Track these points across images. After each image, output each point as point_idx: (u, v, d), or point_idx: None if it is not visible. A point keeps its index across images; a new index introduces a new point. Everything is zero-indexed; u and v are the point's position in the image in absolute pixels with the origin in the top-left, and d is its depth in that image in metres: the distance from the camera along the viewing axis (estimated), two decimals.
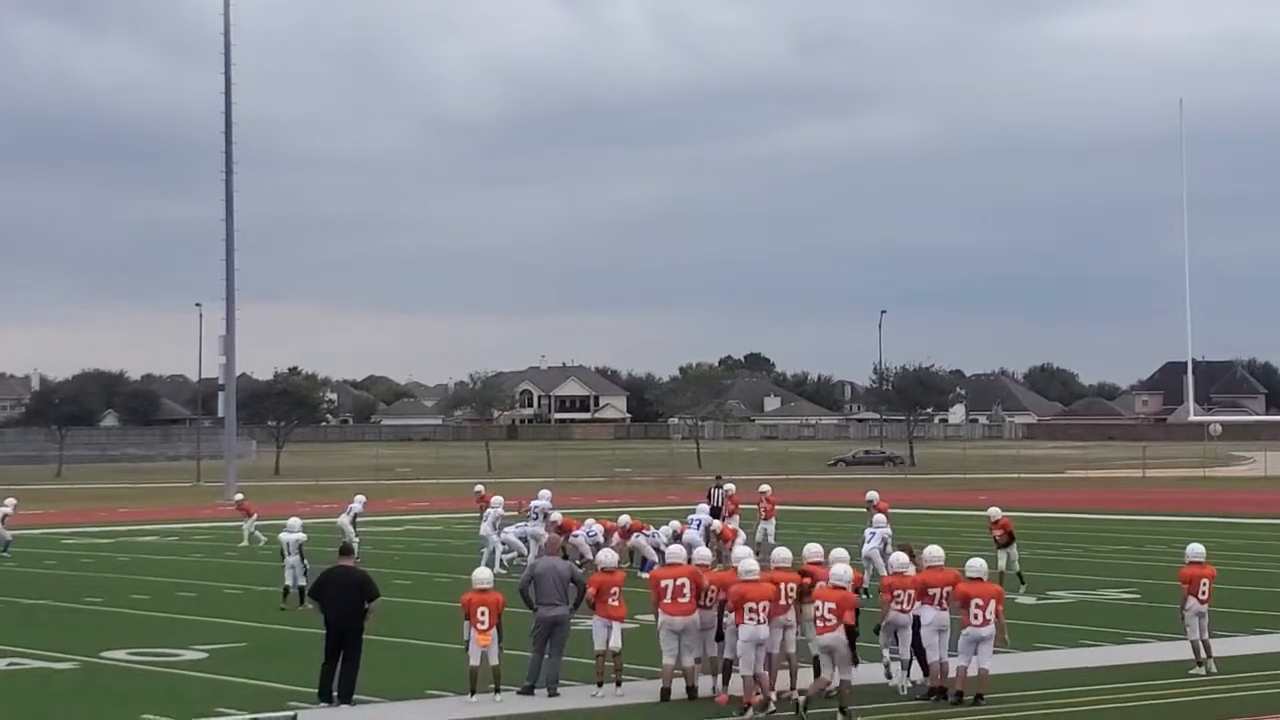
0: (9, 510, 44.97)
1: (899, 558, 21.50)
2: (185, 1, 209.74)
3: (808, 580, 20.66)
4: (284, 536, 30.67)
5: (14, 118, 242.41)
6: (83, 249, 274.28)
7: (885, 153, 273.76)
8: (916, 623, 20.62)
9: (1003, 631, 20.36)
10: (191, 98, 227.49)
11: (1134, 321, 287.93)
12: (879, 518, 33.27)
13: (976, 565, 20.55)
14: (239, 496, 50.30)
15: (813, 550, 21.69)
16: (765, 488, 41.94)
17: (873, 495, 36.79)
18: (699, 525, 35.93)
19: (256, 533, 45.72)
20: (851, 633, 19.20)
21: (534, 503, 38.32)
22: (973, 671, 19.95)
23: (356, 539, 37.68)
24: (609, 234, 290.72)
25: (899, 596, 20.63)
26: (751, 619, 19.44)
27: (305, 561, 30.03)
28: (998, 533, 33.98)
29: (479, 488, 45.00)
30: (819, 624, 19.46)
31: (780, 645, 20.38)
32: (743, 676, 19.47)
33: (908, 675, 20.76)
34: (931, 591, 20.40)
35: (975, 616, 19.97)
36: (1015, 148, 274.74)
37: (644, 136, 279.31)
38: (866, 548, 31.31)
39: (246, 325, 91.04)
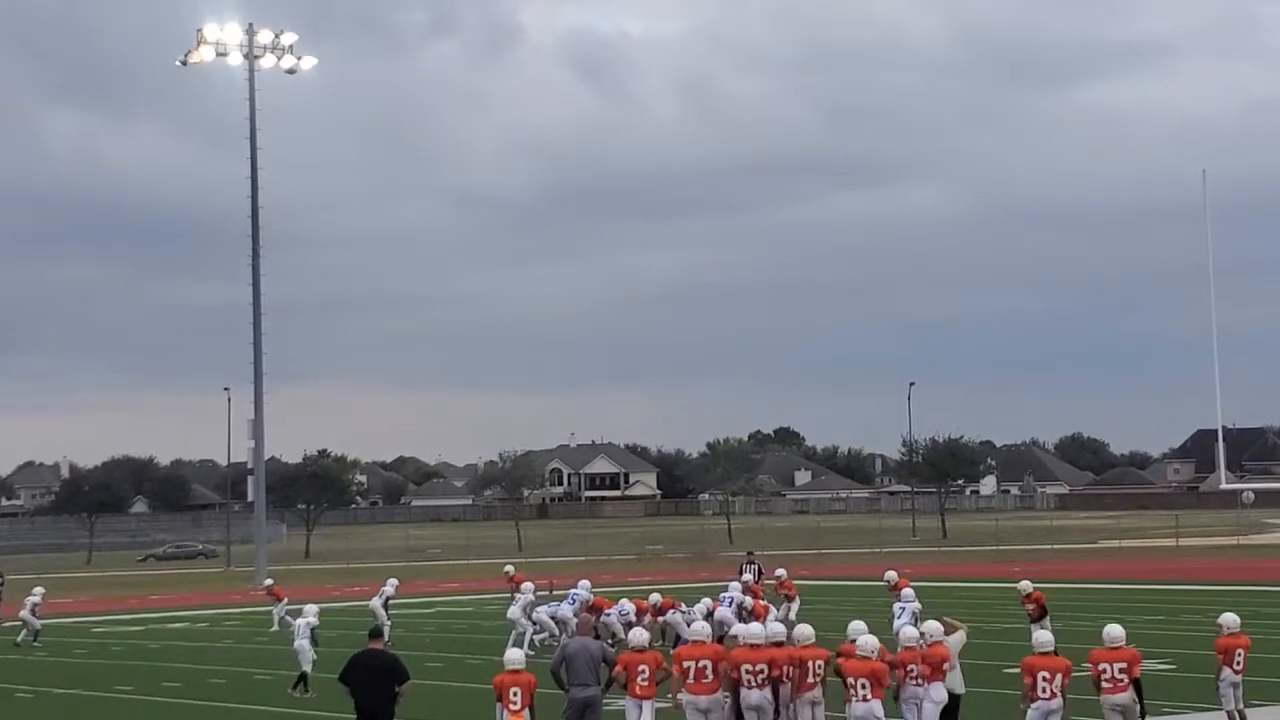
0: (38, 600, 45.08)
1: (909, 631, 21.44)
2: (214, 86, 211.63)
3: (842, 659, 20.64)
4: (298, 621, 31.07)
5: (45, 203, 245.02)
6: (111, 334, 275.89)
7: (912, 223, 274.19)
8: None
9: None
10: (220, 181, 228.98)
11: (1164, 389, 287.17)
12: (907, 592, 33.31)
13: (1044, 639, 20.65)
14: (269, 582, 50.27)
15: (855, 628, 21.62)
16: (781, 572, 42.20)
17: (891, 575, 36.91)
18: (731, 602, 35.82)
19: (287, 618, 45.65)
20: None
21: (573, 592, 38.06)
22: None
23: (388, 622, 37.65)
24: (636, 309, 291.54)
25: (913, 670, 20.57)
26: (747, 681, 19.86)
27: (317, 645, 30.37)
28: (1030, 606, 33.86)
29: (509, 568, 44.94)
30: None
31: None
32: None
33: None
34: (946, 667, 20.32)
35: (1043, 690, 19.99)
36: (1042, 216, 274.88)
37: (671, 209, 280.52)
38: (898, 623, 31.16)
39: (275, 408, 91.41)
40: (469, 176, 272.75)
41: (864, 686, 19.44)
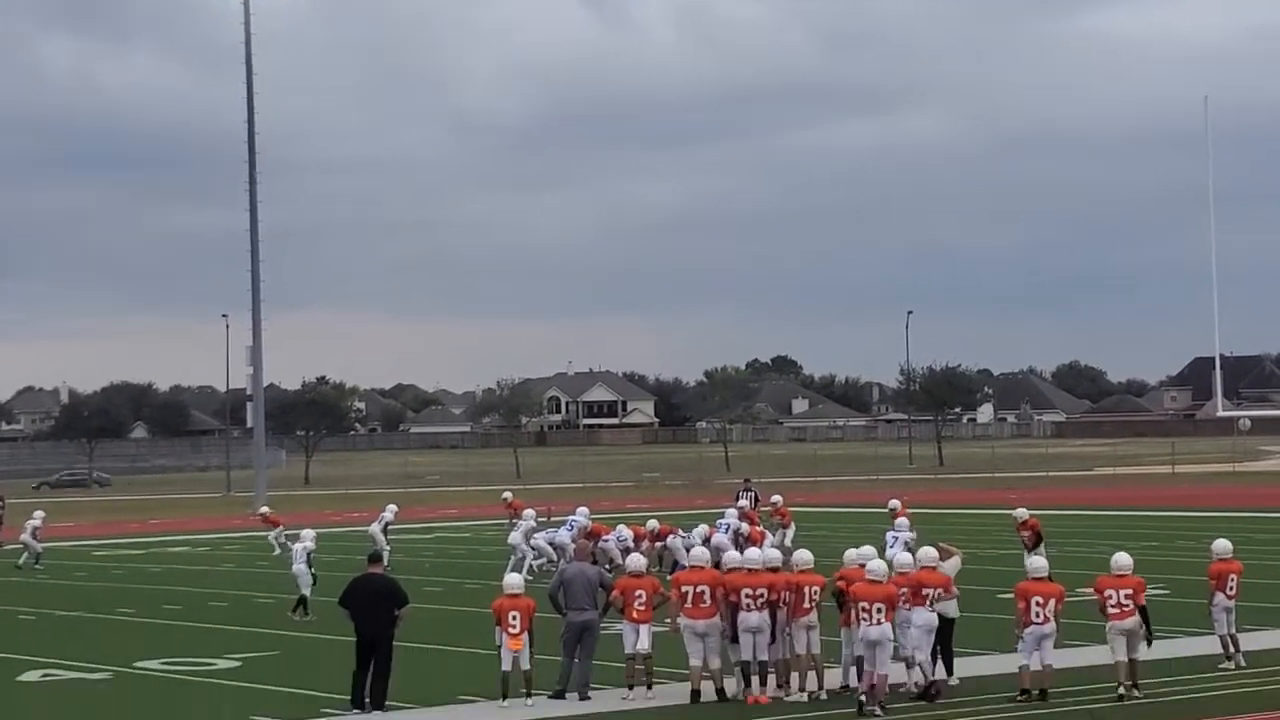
0: (38, 523, 45.24)
1: (904, 558, 21.63)
2: (209, 11, 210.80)
3: (843, 583, 20.85)
4: (295, 546, 31.08)
5: (43, 129, 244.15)
6: (109, 260, 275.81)
7: (913, 151, 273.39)
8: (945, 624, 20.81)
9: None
10: (218, 107, 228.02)
11: (1162, 317, 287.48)
12: (901, 521, 33.66)
13: (1038, 564, 20.91)
14: (264, 509, 50.22)
15: (851, 556, 21.76)
16: (777, 499, 42.32)
17: (894, 503, 37.11)
18: (727, 529, 36.01)
19: (286, 542, 45.84)
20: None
21: (571, 519, 38.22)
22: (1036, 668, 20.16)
23: (387, 547, 37.86)
24: (635, 236, 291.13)
25: (903, 594, 20.77)
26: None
27: (313, 569, 30.35)
28: (1025, 533, 34.10)
29: (507, 495, 45.11)
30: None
31: (806, 646, 20.66)
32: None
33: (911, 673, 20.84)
34: (925, 592, 20.48)
35: (1037, 615, 20.24)
36: (1042, 144, 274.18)
37: (671, 137, 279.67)
38: (889, 552, 31.35)
39: (273, 335, 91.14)
40: (467, 102, 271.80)
41: (879, 610, 19.73)
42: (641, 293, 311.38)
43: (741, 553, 23.28)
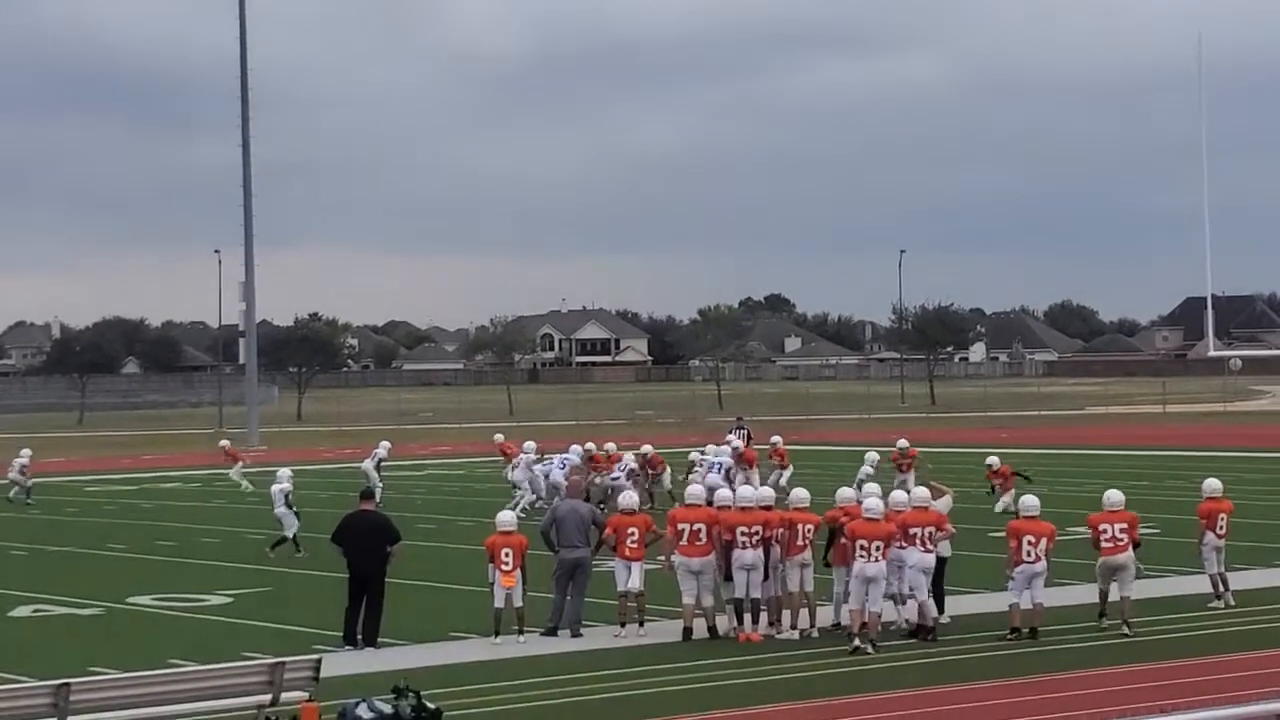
0: (25, 461, 45.12)
1: (899, 496, 21.64)
2: None
3: (845, 519, 20.86)
4: (272, 488, 30.56)
5: (33, 63, 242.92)
6: (101, 195, 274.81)
7: (907, 92, 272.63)
8: (940, 564, 20.86)
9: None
10: (211, 41, 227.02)
11: (1154, 257, 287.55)
12: (870, 456, 34.62)
13: (1030, 503, 20.87)
14: (225, 443, 49.45)
15: (846, 494, 21.77)
16: (776, 439, 42.23)
17: (902, 443, 36.99)
18: (720, 469, 35.90)
19: (245, 482, 45.38)
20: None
21: (562, 456, 37.99)
22: (1026, 606, 20.25)
23: (380, 484, 37.83)
24: (629, 175, 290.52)
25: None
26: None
27: (294, 508, 30.04)
28: (997, 481, 34.38)
29: (499, 437, 45.05)
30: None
31: (799, 584, 20.71)
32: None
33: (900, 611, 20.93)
34: (913, 532, 20.49)
35: (1028, 554, 20.27)
36: (1037, 86, 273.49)
37: (667, 76, 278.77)
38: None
39: (266, 271, 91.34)
40: (462, 38, 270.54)
41: (876, 548, 19.79)
42: (635, 231, 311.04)
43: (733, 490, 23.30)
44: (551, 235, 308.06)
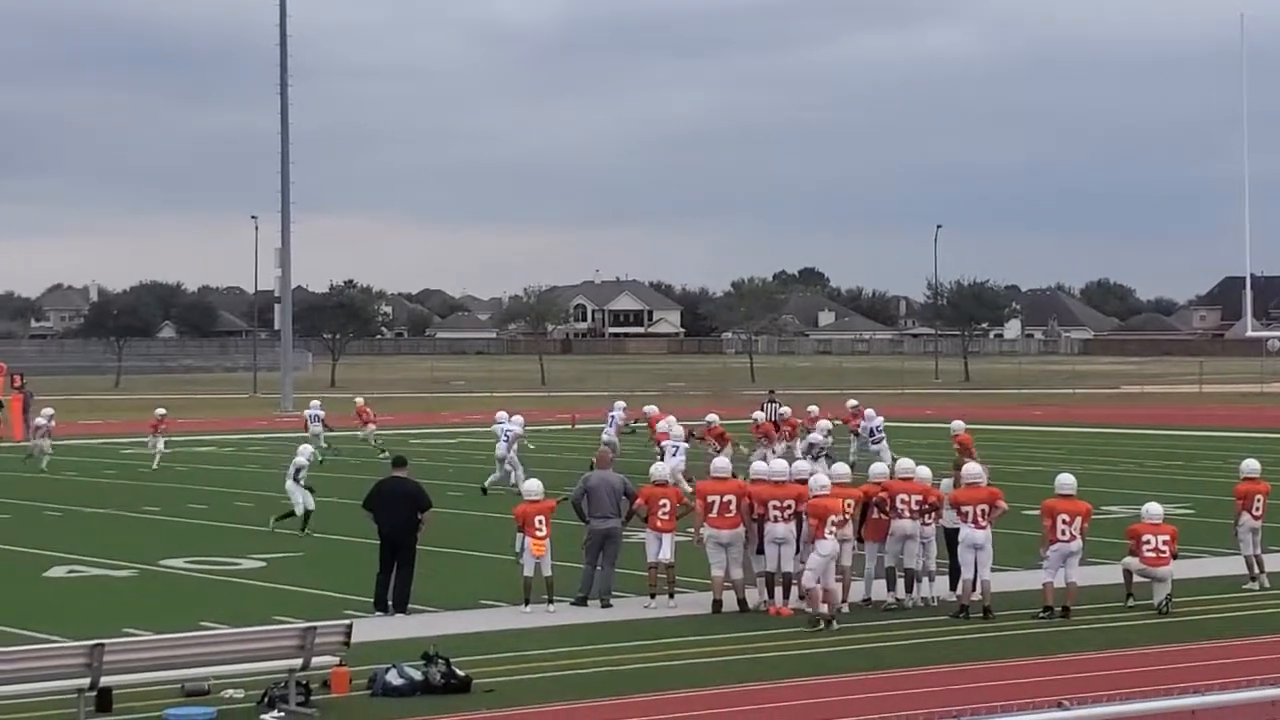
0: (44, 422, 43.85)
1: (904, 463, 21.65)
2: None
3: (883, 494, 20.87)
4: (291, 463, 29.38)
5: (73, 27, 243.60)
6: (140, 160, 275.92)
7: (944, 66, 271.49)
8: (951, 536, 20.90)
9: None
10: (249, 7, 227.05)
11: (1192, 236, 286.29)
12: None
13: (1067, 481, 20.75)
14: (161, 411, 45.87)
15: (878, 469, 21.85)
16: (854, 403, 41.86)
17: (956, 424, 36.08)
18: (679, 451, 34.69)
19: (163, 447, 43.75)
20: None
21: (611, 413, 41.06)
22: (1060, 584, 20.20)
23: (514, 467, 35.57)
24: (665, 146, 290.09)
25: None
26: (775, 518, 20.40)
27: (306, 484, 28.76)
28: (956, 445, 34.21)
29: (359, 399, 46.16)
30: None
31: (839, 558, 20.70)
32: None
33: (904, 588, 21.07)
34: (965, 509, 20.46)
35: (1063, 533, 20.18)
36: (1075, 62, 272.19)
37: (701, 48, 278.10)
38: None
39: (302, 237, 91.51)
40: (497, 9, 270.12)
41: (983, 512, 20.32)
42: (670, 203, 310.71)
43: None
44: (586, 206, 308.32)
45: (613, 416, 39.57)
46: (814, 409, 42.11)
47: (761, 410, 43.51)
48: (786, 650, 18.36)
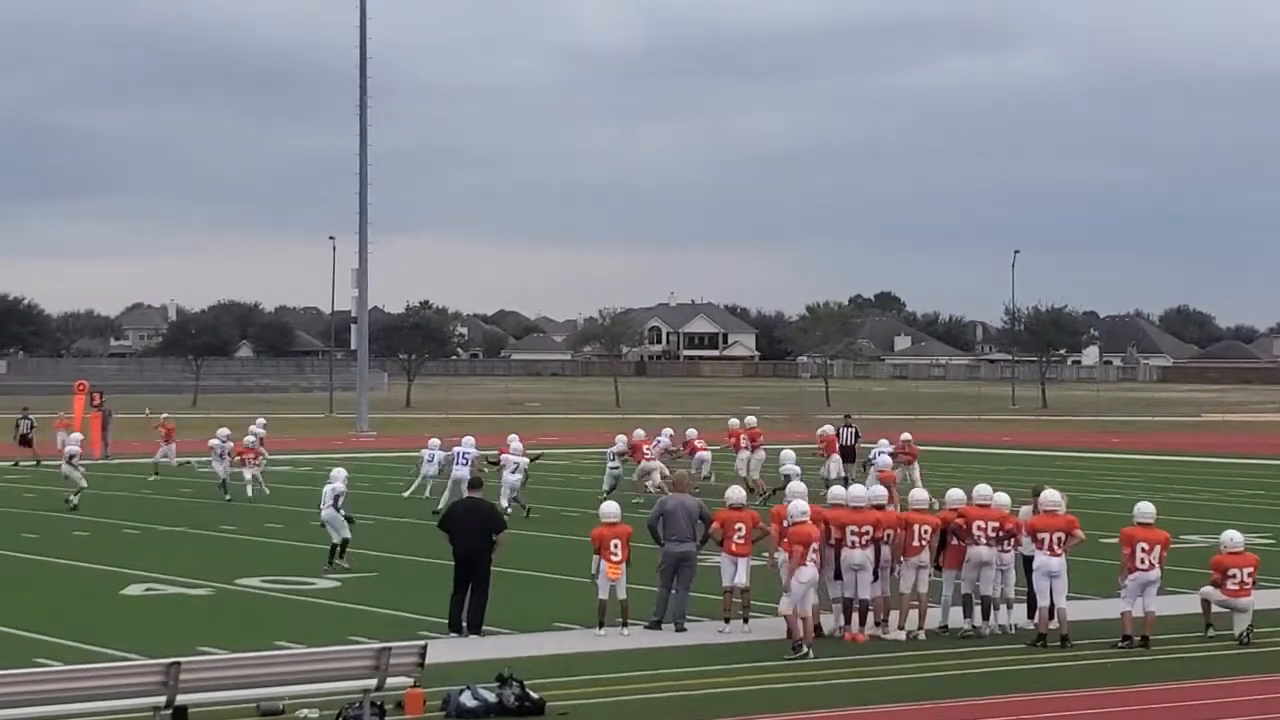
0: (75, 449, 39.14)
1: (1001, 497, 21.41)
2: None
3: (960, 521, 20.72)
4: (324, 488, 27.59)
5: (151, 48, 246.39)
6: (219, 181, 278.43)
7: (1024, 90, 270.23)
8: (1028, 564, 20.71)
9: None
10: (329, 28, 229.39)
11: (1274, 262, 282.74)
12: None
13: (1146, 509, 20.54)
14: (163, 415, 44.04)
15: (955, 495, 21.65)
16: (906, 435, 41.38)
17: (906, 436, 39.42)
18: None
19: (170, 462, 44.28)
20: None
21: (658, 437, 40.09)
22: (1139, 613, 20.00)
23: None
24: (742, 168, 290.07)
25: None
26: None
27: (345, 512, 27.08)
28: (904, 455, 37.72)
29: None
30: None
31: (913, 586, 20.54)
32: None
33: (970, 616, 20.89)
34: (1041, 536, 20.29)
35: (1142, 561, 19.96)
36: (1152, 84, 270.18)
37: (778, 70, 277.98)
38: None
39: (379, 258, 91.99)
40: (576, 31, 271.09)
41: (1058, 541, 20.09)
42: (745, 225, 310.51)
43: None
44: (661, 228, 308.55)
45: (659, 442, 39.74)
46: (907, 435, 41.52)
47: (838, 436, 43.26)
48: (861, 677, 18.23)
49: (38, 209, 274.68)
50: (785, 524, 20.09)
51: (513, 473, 35.59)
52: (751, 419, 42.70)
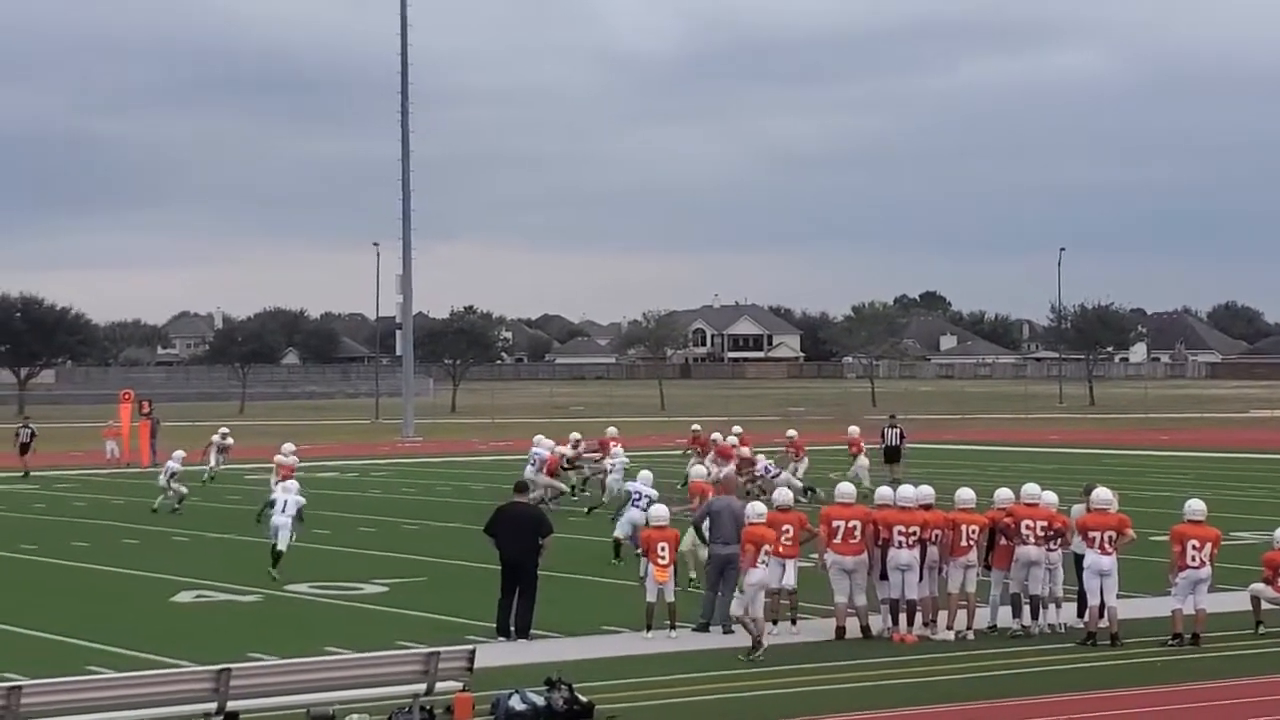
0: (177, 466, 38.64)
1: (1049, 496, 21.32)
2: None
3: (1009, 520, 20.65)
4: (288, 497, 27.13)
5: (198, 55, 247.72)
6: (264, 188, 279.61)
7: (1063, 88, 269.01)
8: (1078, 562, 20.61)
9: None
10: (370, 35, 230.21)
11: None
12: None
13: (1196, 507, 20.39)
14: (281, 458, 38.25)
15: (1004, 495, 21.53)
16: (792, 432, 42.40)
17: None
18: (642, 498, 34.22)
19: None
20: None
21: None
22: (1189, 611, 19.89)
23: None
24: (784, 170, 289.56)
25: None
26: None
27: (300, 525, 26.99)
28: (790, 450, 38.94)
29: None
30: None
31: (961, 586, 20.49)
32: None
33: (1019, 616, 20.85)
34: (1092, 535, 20.19)
35: (1193, 559, 19.84)
36: (1197, 81, 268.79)
37: (821, 72, 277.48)
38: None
39: (423, 264, 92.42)
40: (616, 35, 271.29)
41: (1109, 540, 19.99)
42: (789, 226, 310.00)
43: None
44: (704, 230, 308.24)
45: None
46: (793, 433, 42.38)
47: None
48: (910, 678, 18.17)
49: (84, 220, 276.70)
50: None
51: (611, 473, 37.34)
52: (792, 432, 42.65)
